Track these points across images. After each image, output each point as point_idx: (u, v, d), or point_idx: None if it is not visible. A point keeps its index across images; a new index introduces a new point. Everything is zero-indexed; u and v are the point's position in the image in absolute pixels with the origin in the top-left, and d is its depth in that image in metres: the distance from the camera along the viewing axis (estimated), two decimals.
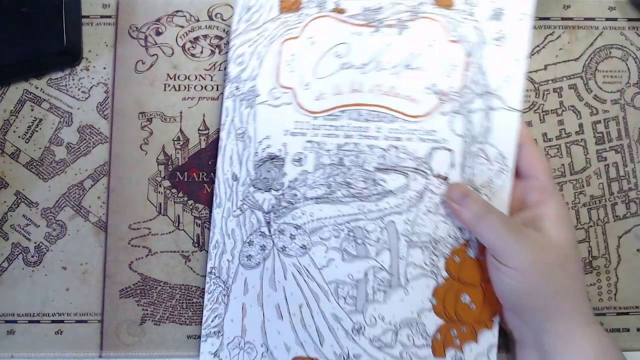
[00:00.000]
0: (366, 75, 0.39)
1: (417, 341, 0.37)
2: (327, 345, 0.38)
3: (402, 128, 0.38)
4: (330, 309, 0.38)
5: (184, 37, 0.46)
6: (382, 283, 0.38)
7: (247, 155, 0.40)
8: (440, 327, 0.38)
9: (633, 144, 0.45)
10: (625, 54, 0.46)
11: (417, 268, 0.38)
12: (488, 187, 0.37)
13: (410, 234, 0.38)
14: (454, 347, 0.38)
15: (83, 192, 0.45)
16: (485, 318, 0.38)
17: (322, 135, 0.39)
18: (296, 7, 0.40)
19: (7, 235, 0.44)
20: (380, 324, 0.38)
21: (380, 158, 0.38)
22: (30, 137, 0.45)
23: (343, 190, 0.38)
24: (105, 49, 0.46)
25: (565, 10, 0.46)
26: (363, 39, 0.39)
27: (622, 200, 0.45)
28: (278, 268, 0.39)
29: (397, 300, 0.38)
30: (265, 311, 0.39)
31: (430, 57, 0.38)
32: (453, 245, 0.38)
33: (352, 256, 0.38)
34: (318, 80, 0.39)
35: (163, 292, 0.43)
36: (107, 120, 0.45)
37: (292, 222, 0.39)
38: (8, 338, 0.43)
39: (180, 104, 0.45)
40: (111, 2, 0.46)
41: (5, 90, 0.46)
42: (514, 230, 0.35)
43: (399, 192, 0.38)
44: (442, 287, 0.38)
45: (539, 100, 0.45)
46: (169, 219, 0.44)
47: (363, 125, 0.39)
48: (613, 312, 0.44)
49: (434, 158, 0.38)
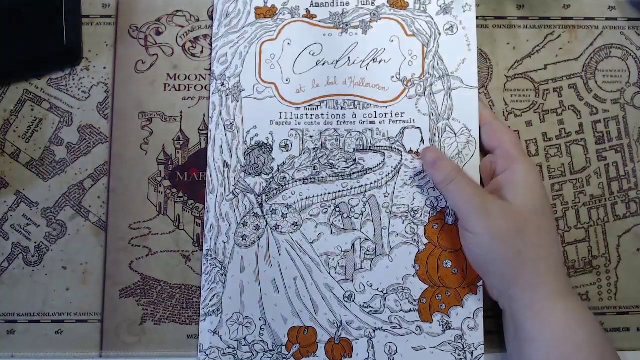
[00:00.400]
0: (339, 69, 0.44)
1: (404, 306, 0.41)
2: (322, 314, 0.41)
3: (374, 113, 0.43)
4: (322, 279, 0.42)
5: (184, 37, 0.46)
6: (368, 252, 0.42)
7: (236, 144, 0.43)
8: (425, 291, 0.41)
9: (633, 144, 0.45)
10: (625, 54, 0.46)
11: (399, 237, 0.42)
12: (457, 157, 0.42)
13: (390, 205, 0.42)
14: (440, 311, 0.41)
15: (83, 192, 0.45)
16: (469, 283, 0.41)
17: (304, 123, 0.43)
18: (272, 14, 0.44)
19: (7, 235, 0.44)
20: (369, 291, 0.41)
21: (358, 140, 0.43)
22: (31, 137, 0.45)
23: (327, 170, 0.43)
24: (105, 49, 0.46)
25: (565, 10, 0.46)
26: (333, 39, 0.44)
27: (622, 199, 0.45)
28: (272, 245, 0.42)
29: (382, 267, 0.42)
30: (262, 286, 0.42)
31: (392, 51, 0.44)
32: (431, 214, 0.42)
33: (340, 229, 0.42)
34: (297, 75, 0.44)
35: (163, 292, 0.43)
36: (107, 120, 0.45)
37: (283, 202, 0.43)
38: (8, 338, 0.43)
39: (180, 103, 0.45)
40: (111, 2, 0.46)
41: (5, 90, 0.46)
42: (476, 196, 0.37)
43: (377, 169, 0.42)
44: (423, 253, 0.42)
45: (539, 99, 0.45)
46: (169, 218, 0.44)
47: (340, 113, 0.43)
48: (613, 312, 0.44)
49: (405, 136, 0.43)
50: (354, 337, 0.41)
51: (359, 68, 0.43)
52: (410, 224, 0.42)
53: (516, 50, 0.46)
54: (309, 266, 0.42)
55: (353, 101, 0.43)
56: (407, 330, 0.41)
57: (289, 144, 0.43)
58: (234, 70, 0.44)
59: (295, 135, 0.43)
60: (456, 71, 0.43)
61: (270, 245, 0.42)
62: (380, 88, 0.43)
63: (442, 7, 0.44)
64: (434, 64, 0.43)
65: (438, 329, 0.41)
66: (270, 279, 0.42)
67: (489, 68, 0.46)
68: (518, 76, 0.46)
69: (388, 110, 0.43)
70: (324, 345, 0.41)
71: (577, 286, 0.44)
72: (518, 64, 0.46)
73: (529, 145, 0.45)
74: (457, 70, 0.43)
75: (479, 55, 0.46)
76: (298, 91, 0.43)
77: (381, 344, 0.41)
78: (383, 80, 0.43)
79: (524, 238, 0.36)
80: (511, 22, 0.46)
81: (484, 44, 0.46)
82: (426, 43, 0.43)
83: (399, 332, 0.41)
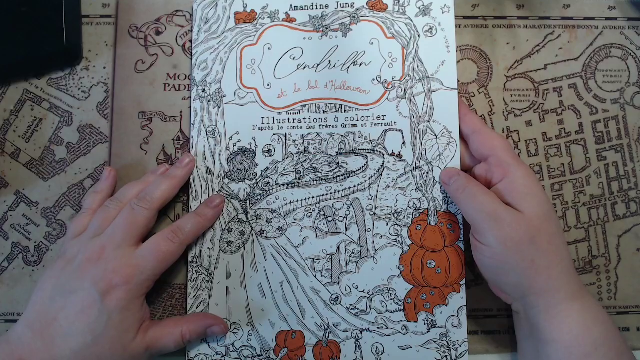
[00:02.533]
0: (320, 73, 0.43)
1: (390, 306, 0.41)
2: (309, 317, 0.42)
3: (356, 116, 0.43)
4: (308, 282, 0.42)
5: (184, 37, 0.46)
6: (353, 254, 0.42)
7: (219, 150, 0.43)
8: (410, 291, 0.41)
9: (633, 144, 0.45)
10: (625, 54, 0.46)
11: (383, 238, 0.42)
12: (438, 159, 0.42)
13: (373, 208, 0.42)
14: (425, 310, 0.41)
15: (83, 192, 0.45)
16: (452, 282, 0.41)
17: (287, 128, 0.43)
18: (251, 19, 0.44)
19: (7, 235, 0.44)
20: (355, 293, 0.42)
21: (340, 144, 0.43)
22: (31, 136, 0.45)
23: (311, 174, 0.42)
24: (105, 49, 0.46)
25: (565, 10, 0.46)
26: (313, 42, 0.44)
27: (622, 199, 0.45)
28: (258, 250, 0.42)
29: (368, 269, 0.42)
30: (248, 292, 0.42)
31: (373, 53, 0.43)
32: (414, 215, 0.42)
33: (325, 233, 0.42)
34: (278, 80, 0.44)
35: (163, 292, 0.43)
36: (107, 120, 0.45)
37: (267, 207, 0.43)
38: None
39: (180, 103, 0.45)
40: (111, 2, 0.46)
41: (5, 90, 0.46)
42: (489, 203, 0.37)
43: (360, 172, 0.42)
44: (407, 254, 0.42)
45: (538, 99, 0.45)
46: (169, 219, 0.44)
47: (322, 117, 0.43)
48: (613, 312, 0.44)
49: (387, 139, 0.43)
50: (341, 339, 0.41)
51: (339, 71, 0.43)
52: (394, 226, 0.42)
53: (516, 50, 0.46)
54: (294, 270, 0.42)
55: (335, 104, 0.43)
56: (393, 330, 0.41)
57: (272, 149, 0.43)
58: (215, 77, 0.44)
59: (278, 140, 0.43)
60: (436, 73, 0.43)
61: (256, 250, 0.42)
62: (362, 91, 0.43)
63: (420, 9, 0.43)
64: (414, 66, 0.43)
65: (423, 327, 0.41)
66: (256, 284, 0.42)
67: (489, 68, 0.46)
68: (518, 76, 0.46)
69: (370, 113, 0.43)
70: (312, 348, 0.41)
71: None
72: (518, 64, 0.46)
73: (529, 145, 0.45)
74: (437, 72, 0.43)
75: (479, 55, 0.46)
76: (280, 96, 0.43)
77: (368, 345, 0.41)
78: (364, 83, 0.43)
79: (537, 246, 0.36)
80: (511, 22, 0.46)
81: (484, 44, 0.46)
82: (406, 45, 0.43)
83: (385, 333, 0.41)
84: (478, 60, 0.46)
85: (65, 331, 0.35)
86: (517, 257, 0.36)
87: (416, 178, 0.42)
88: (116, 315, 0.36)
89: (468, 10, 0.46)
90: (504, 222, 0.36)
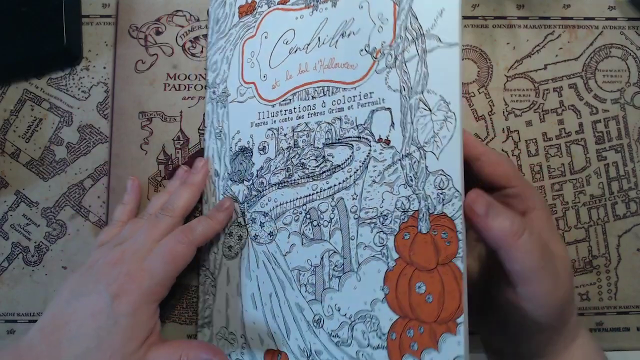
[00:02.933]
0: (309, 54, 0.40)
1: (372, 340, 0.34)
2: (293, 339, 0.38)
3: (343, 97, 0.38)
4: (293, 297, 0.38)
5: (184, 37, 0.46)
6: (336, 268, 0.37)
7: (224, 152, 0.42)
8: (395, 323, 0.34)
9: (633, 144, 0.45)
10: (625, 54, 0.46)
11: (367, 249, 0.36)
12: (433, 142, 0.34)
13: (358, 210, 0.37)
14: (411, 353, 0.33)
15: (83, 192, 0.45)
16: (447, 317, 0.31)
17: (279, 121, 0.40)
18: (252, 9, 0.42)
19: (7, 235, 0.44)
20: (337, 316, 0.36)
21: (327, 133, 0.39)
22: (31, 136, 0.45)
23: (299, 171, 0.39)
24: (105, 49, 0.46)
25: (565, 10, 0.46)
26: (305, 20, 0.41)
27: (622, 199, 0.45)
28: (252, 257, 0.40)
29: (350, 287, 0.36)
30: (243, 301, 0.40)
31: (362, 19, 0.38)
32: (402, 219, 0.35)
33: (310, 239, 0.38)
34: (272, 70, 0.41)
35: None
36: (107, 120, 0.45)
37: (261, 210, 0.40)
38: (8, 338, 0.43)
39: (180, 103, 0.45)
40: (111, 2, 0.46)
41: (5, 90, 0.46)
42: (545, 252, 0.32)
43: (345, 166, 0.38)
44: (393, 271, 0.34)
45: (538, 99, 0.45)
46: None
47: (310, 103, 0.40)
48: (613, 312, 0.44)
49: (374, 122, 0.37)
50: None
51: (328, 47, 0.39)
52: (379, 233, 0.35)
53: (516, 50, 0.46)
54: (282, 281, 0.39)
55: (322, 87, 0.39)
56: None
57: (266, 146, 0.41)
58: (222, 76, 0.43)
59: (271, 136, 0.41)
60: (432, 28, 0.35)
61: (250, 257, 0.40)
62: (349, 66, 0.38)
63: None
64: (406, 24, 0.36)
65: None
66: (250, 293, 0.40)
67: (489, 68, 0.46)
68: (518, 76, 0.46)
69: (357, 92, 0.38)
70: None
71: (577, 286, 0.44)
72: (518, 64, 0.46)
73: (529, 145, 0.45)
74: (434, 27, 0.35)
75: (479, 55, 0.46)
76: (274, 86, 0.41)
77: None
78: (351, 56, 0.38)
79: (571, 299, 0.34)
80: (511, 22, 0.46)
81: (484, 44, 0.46)
82: (398, 1, 0.37)
83: None
84: (478, 60, 0.46)
85: (73, 334, 0.35)
86: (566, 304, 0.33)
87: (405, 169, 0.35)
88: (123, 320, 0.35)
89: (468, 10, 0.46)
90: (554, 268, 0.32)
